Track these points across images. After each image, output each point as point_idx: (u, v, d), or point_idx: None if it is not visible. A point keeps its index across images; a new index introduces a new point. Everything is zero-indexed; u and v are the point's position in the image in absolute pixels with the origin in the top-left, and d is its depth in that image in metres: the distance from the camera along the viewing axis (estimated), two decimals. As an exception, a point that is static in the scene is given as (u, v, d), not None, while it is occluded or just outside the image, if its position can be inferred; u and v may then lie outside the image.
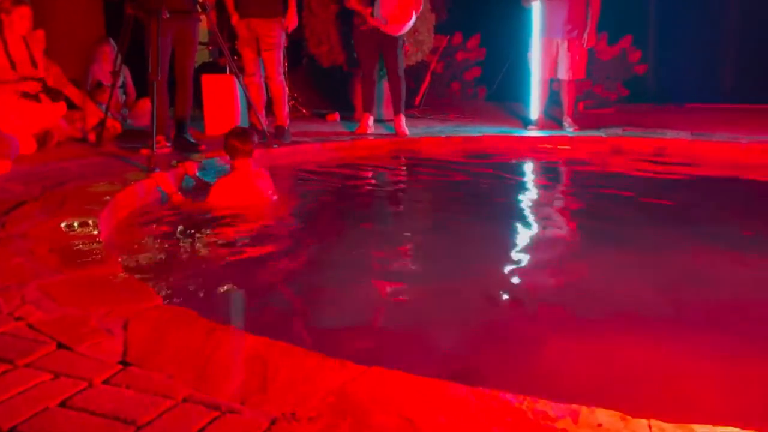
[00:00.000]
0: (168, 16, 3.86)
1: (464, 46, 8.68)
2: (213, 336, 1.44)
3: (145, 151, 3.93)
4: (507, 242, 2.89)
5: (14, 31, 4.29)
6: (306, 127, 5.70)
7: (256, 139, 3.45)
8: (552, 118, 5.88)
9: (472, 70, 8.76)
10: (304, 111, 6.67)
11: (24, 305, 1.62)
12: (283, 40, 4.76)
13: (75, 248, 2.10)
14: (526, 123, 5.77)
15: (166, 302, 1.73)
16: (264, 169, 3.48)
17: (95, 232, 2.29)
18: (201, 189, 3.46)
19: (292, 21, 4.69)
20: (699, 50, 8.40)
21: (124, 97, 5.89)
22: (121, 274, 1.90)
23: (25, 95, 4.27)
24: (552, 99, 5.85)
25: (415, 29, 5.89)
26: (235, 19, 4.68)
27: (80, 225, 2.38)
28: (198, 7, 4.09)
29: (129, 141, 4.61)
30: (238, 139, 3.34)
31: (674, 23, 8.57)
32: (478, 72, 8.73)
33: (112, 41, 5.80)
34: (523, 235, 3.07)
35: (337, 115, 6.34)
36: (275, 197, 3.39)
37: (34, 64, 4.39)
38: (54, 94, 4.45)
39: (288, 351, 1.36)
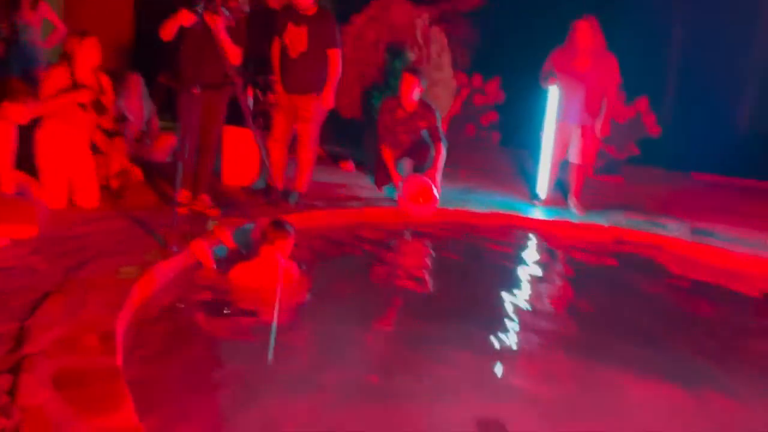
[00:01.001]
0: (199, 91, 4.03)
1: (483, 89, 8.79)
2: None
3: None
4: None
5: (85, 62, 4.34)
6: (321, 176, 5.86)
7: (291, 231, 3.62)
8: (560, 188, 6.03)
9: (489, 115, 8.88)
10: (320, 152, 6.82)
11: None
12: (321, 114, 4.95)
13: (92, 382, 2.28)
14: (533, 196, 5.93)
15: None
16: (291, 261, 3.66)
17: (113, 356, 2.47)
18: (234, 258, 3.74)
19: (328, 101, 4.90)
20: (714, 120, 8.53)
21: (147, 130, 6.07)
22: (134, 425, 2.07)
23: (81, 106, 4.32)
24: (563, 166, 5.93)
25: (435, 95, 6.05)
26: (279, 87, 4.89)
27: (100, 342, 2.56)
28: (228, 80, 4.25)
29: (150, 191, 4.82)
30: (270, 228, 3.55)
31: (692, 90, 8.69)
32: (494, 117, 8.86)
33: (140, 76, 5.97)
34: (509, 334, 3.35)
35: (351, 165, 6.51)
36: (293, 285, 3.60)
37: (103, 92, 4.48)
38: (102, 109, 4.47)
39: None
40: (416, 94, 5.39)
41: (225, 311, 3.30)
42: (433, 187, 5.13)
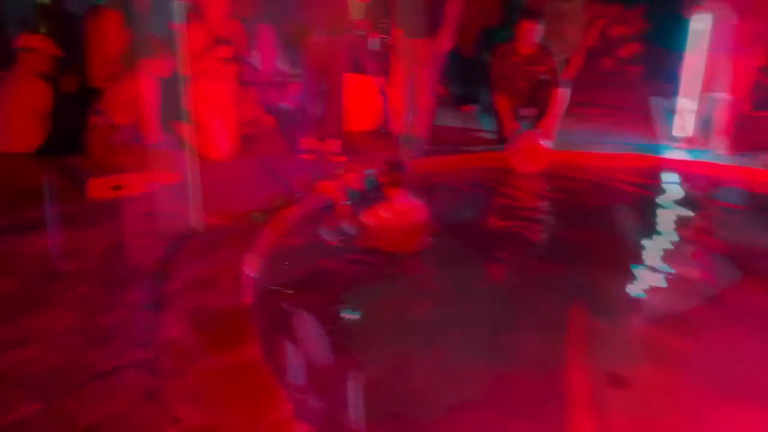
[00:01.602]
0: (319, 39, 4.09)
1: (623, 18, 8.11)
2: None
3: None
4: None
5: (216, 14, 4.49)
6: (442, 119, 5.79)
7: (404, 168, 3.68)
8: (705, 127, 5.50)
9: (629, 46, 8.21)
10: (444, 94, 6.70)
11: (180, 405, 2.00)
12: (439, 57, 4.87)
13: (222, 319, 2.48)
14: (672, 136, 5.46)
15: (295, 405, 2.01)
16: (417, 200, 3.73)
17: (243, 296, 2.66)
18: (368, 199, 3.83)
19: (445, 43, 4.81)
20: None
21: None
22: (259, 360, 2.23)
23: (225, 60, 4.52)
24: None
25: (562, 28, 5.67)
26: (397, 31, 4.87)
27: (232, 282, 2.77)
28: (348, 27, 4.27)
29: (280, 138, 5.03)
30: (390, 170, 3.63)
31: None
32: (635, 49, 8.18)
33: (271, 26, 6.13)
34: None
35: (472, 108, 6.37)
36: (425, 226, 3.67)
37: (235, 41, 4.69)
38: (239, 59, 4.65)
39: None
40: (535, 38, 5.07)
41: (355, 253, 3.39)
42: (546, 146, 4.82)
